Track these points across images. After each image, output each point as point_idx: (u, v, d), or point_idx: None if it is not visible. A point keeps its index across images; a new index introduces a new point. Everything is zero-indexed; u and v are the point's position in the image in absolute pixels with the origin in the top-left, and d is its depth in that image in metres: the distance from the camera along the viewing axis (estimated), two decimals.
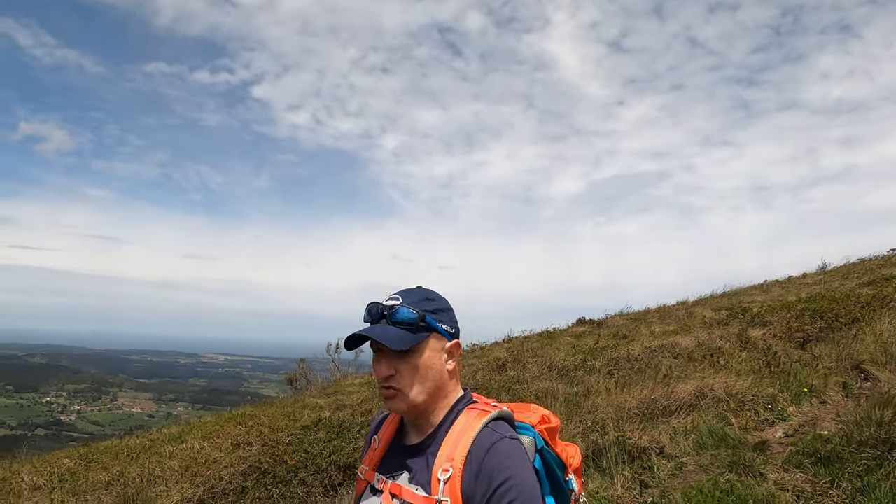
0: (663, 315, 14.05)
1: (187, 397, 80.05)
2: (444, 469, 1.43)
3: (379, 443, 1.63)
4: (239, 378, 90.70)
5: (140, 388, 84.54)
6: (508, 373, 8.66)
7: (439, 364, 1.53)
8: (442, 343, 1.55)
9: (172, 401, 77.44)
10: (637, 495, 4.50)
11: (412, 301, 1.54)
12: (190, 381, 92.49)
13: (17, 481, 7.37)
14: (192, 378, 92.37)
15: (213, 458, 6.95)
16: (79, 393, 76.68)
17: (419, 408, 1.53)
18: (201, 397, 78.33)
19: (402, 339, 1.49)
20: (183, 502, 5.94)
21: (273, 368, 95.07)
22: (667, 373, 6.32)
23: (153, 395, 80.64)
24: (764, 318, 9.06)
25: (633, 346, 8.49)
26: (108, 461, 8.09)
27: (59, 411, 68.59)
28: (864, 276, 13.01)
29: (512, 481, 1.37)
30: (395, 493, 1.49)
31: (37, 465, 8.20)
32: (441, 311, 1.57)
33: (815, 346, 7.29)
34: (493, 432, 1.45)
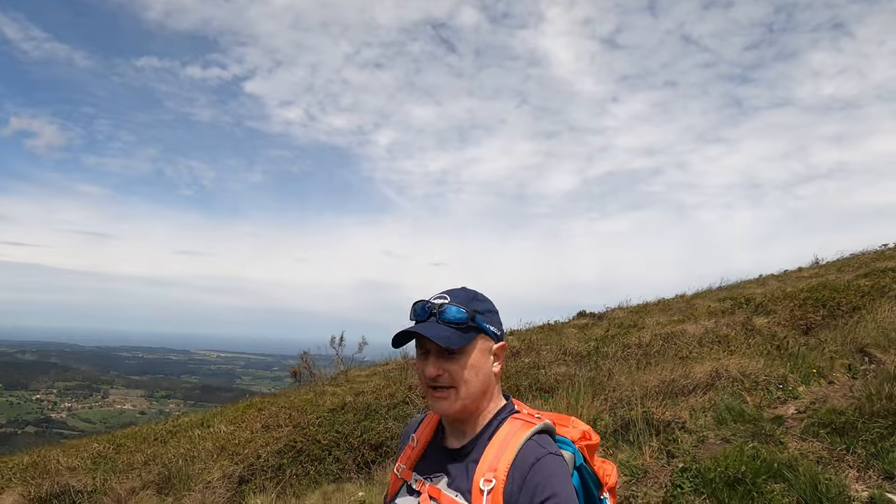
0: (663, 308, 14.37)
1: (179, 394, 79.86)
2: (487, 479, 1.41)
3: (417, 442, 1.62)
4: (231, 375, 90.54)
5: (132, 384, 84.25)
6: (523, 359, 8.97)
7: (486, 366, 1.52)
8: (489, 345, 1.54)
9: (164, 398, 77.24)
10: (665, 464, 4.83)
11: (461, 300, 1.53)
12: (182, 378, 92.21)
13: (53, 463, 7.60)
14: (184, 375, 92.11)
15: (245, 439, 7.21)
16: (69, 390, 76.34)
17: (467, 410, 1.51)
18: (193, 394, 78.20)
19: (453, 338, 1.47)
20: (224, 478, 6.21)
21: (265, 365, 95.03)
22: (686, 355, 6.66)
23: (145, 392, 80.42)
24: (767, 307, 9.44)
25: (643, 334, 8.83)
26: (136, 445, 8.33)
27: (49, 409, 68.28)
28: (860, 268, 13.39)
29: (555, 499, 1.36)
30: (433, 496, 1.48)
31: (66, 449, 8.43)
32: (489, 313, 1.56)
33: (819, 333, 7.65)
34: (538, 446, 1.44)
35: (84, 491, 6.46)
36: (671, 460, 4.88)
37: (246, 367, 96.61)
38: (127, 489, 6.36)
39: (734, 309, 10.06)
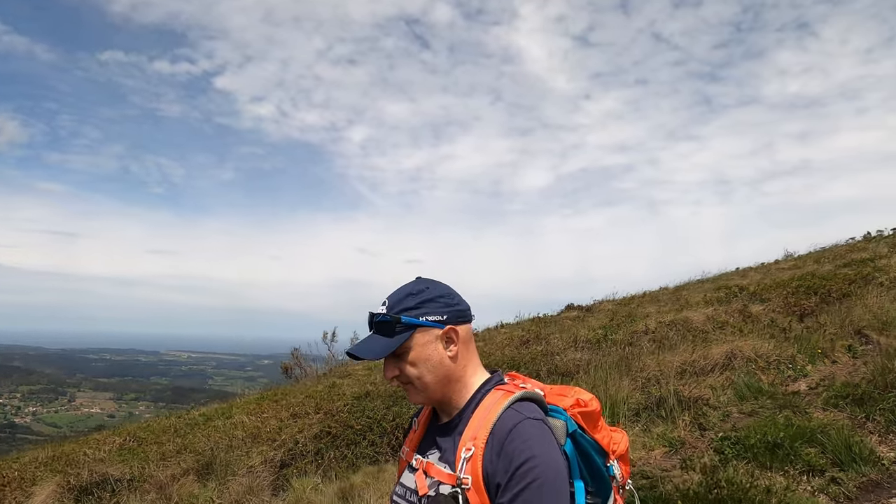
0: (651, 299, 14.83)
1: (149, 396, 78.29)
2: (467, 448, 1.46)
3: (418, 426, 1.71)
4: (203, 376, 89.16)
5: (99, 387, 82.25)
6: (534, 347, 9.31)
7: (436, 354, 1.56)
8: (433, 333, 1.57)
9: (134, 400, 75.69)
10: (699, 436, 5.21)
11: (394, 302, 1.59)
12: (152, 380, 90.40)
13: (79, 454, 7.67)
14: (154, 377, 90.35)
15: (276, 427, 7.39)
16: (34, 394, 74.19)
17: (433, 397, 1.58)
18: (164, 396, 76.76)
19: (378, 349, 1.55)
20: (266, 463, 6.40)
21: (238, 365, 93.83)
22: (701, 338, 7.07)
23: (113, 394, 78.66)
24: (762, 296, 9.95)
25: (648, 322, 9.25)
26: (155, 437, 8.43)
27: (13, 413, 66.29)
28: (836, 260, 14.04)
29: (533, 462, 1.39)
30: (426, 471, 1.55)
31: (86, 442, 8.48)
32: (426, 303, 1.59)
33: (816, 318, 8.16)
34: (516, 413, 1.48)
35: (122, 479, 6.57)
36: (703, 432, 5.26)
37: (218, 368, 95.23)
38: (167, 476, 6.50)
39: (728, 298, 10.57)
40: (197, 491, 6.21)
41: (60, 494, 6.49)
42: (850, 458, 4.17)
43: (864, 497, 3.93)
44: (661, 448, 5.07)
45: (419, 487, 1.53)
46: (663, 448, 5.06)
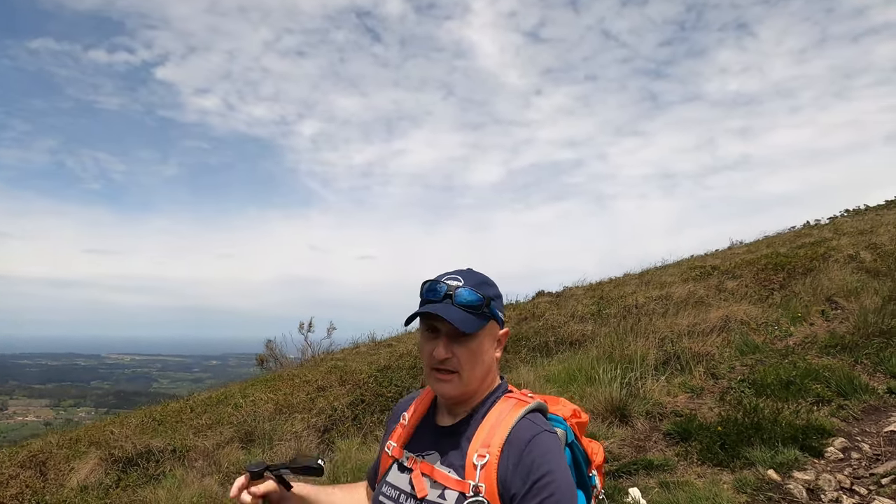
0: (618, 284, 15.73)
1: (90, 402, 75.27)
2: (481, 455, 1.42)
3: (408, 421, 1.62)
4: (148, 378, 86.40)
5: (34, 394, 78.45)
6: (533, 323, 9.95)
7: (491, 351, 1.53)
8: (496, 330, 1.54)
9: (73, 406, 72.72)
10: (713, 384, 5.94)
11: (474, 283, 1.52)
12: (92, 385, 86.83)
13: (105, 434, 7.82)
14: (94, 381, 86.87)
15: (304, 399, 7.76)
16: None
17: (467, 394, 1.52)
18: (106, 401, 73.95)
19: (470, 321, 1.47)
20: (308, 428, 6.78)
21: (185, 367, 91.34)
22: (696, 305, 7.86)
23: (50, 401, 75.25)
24: (734, 273, 10.91)
25: (637, 297, 10.03)
26: (176, 419, 8.62)
27: None
28: (786, 244, 15.28)
29: (550, 476, 1.37)
30: (426, 473, 1.48)
31: (107, 423, 8.61)
32: (497, 298, 1.55)
33: (788, 289, 9.11)
34: (533, 424, 1.46)
35: (165, 450, 6.81)
36: (717, 381, 6.00)
37: (163, 370, 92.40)
38: (211, 444, 6.78)
39: (703, 276, 11.50)
40: (243, 457, 6.53)
41: (104, 467, 6.69)
42: (852, 388, 4.96)
43: (867, 418, 4.72)
44: (683, 394, 5.76)
45: (417, 490, 1.47)
46: (685, 394, 5.76)
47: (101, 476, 6.58)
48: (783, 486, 3.89)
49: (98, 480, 6.49)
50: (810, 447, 4.26)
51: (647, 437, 5.02)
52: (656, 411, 5.38)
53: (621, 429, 5.18)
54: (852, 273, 9.33)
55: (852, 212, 21.67)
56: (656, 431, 5.09)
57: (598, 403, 5.43)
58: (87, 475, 6.61)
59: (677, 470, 4.42)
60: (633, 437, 5.06)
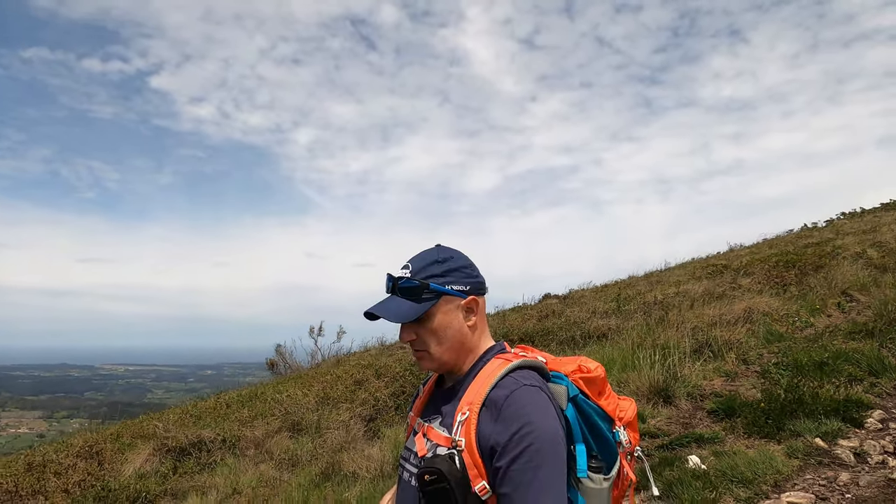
0: (624, 286, 16.09)
1: (84, 413, 74.46)
2: (463, 412, 1.49)
3: (423, 391, 1.75)
4: (142, 389, 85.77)
5: (27, 405, 77.62)
6: (554, 320, 10.25)
7: (457, 322, 1.59)
8: (455, 302, 1.60)
9: (66, 418, 72.09)
10: (745, 368, 6.26)
11: (419, 268, 1.60)
12: (86, 396, 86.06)
13: (150, 427, 8.04)
14: (88, 392, 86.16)
15: (343, 392, 8.02)
16: None
17: (446, 365, 1.61)
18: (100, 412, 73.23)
19: (407, 311, 1.56)
20: (354, 417, 7.05)
21: (180, 377, 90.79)
22: (725, 296, 8.20)
23: (43, 412, 74.51)
24: (746, 271, 11.27)
25: (656, 293, 10.37)
26: (213, 414, 8.85)
27: None
28: (791, 244, 15.68)
29: (529, 427, 1.42)
30: (426, 435, 1.59)
31: (148, 419, 8.83)
32: (451, 272, 1.61)
33: (803, 284, 9.48)
34: (514, 380, 1.51)
35: (215, 440, 7.05)
36: (748, 366, 6.33)
37: (158, 380, 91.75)
38: (261, 433, 7.03)
39: (714, 274, 11.87)
40: (293, 445, 6.79)
41: (158, 457, 6.92)
42: (883, 368, 5.30)
43: None
44: (718, 378, 6.08)
45: (418, 449, 1.57)
46: (720, 378, 6.08)
47: (155, 465, 6.81)
48: (831, 451, 4.21)
49: (154, 469, 6.73)
50: (851, 419, 4.59)
51: (692, 416, 5.33)
52: (696, 393, 5.70)
53: (666, 408, 5.49)
54: (862, 269, 9.71)
55: (849, 214, 22.17)
56: (700, 410, 5.41)
57: (642, 385, 5.74)
58: (142, 464, 6.84)
59: (726, 442, 4.73)
60: (678, 415, 5.38)
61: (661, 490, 3.99)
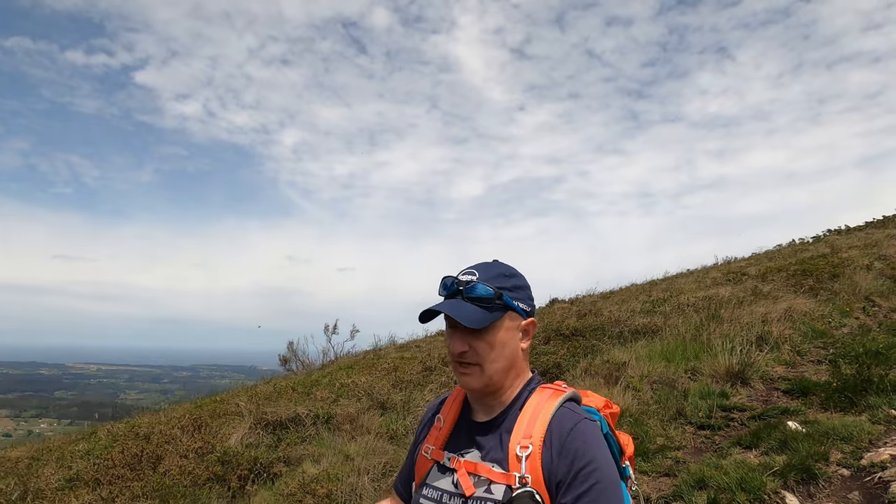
0: (629, 293, 16.89)
1: (52, 412, 73.21)
2: (524, 446, 1.42)
3: (444, 422, 1.61)
4: (114, 389, 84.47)
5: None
6: (593, 318, 10.98)
7: (514, 342, 1.53)
8: (517, 322, 1.54)
9: (34, 417, 70.67)
10: (800, 359, 7.05)
11: (489, 277, 1.53)
12: (55, 395, 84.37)
13: (228, 406, 8.52)
14: (58, 391, 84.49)
15: (416, 375, 8.61)
16: None
17: (492, 386, 1.52)
18: (69, 412, 72.05)
19: (478, 317, 1.47)
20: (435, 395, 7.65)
21: (153, 378, 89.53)
22: (753, 300, 9.02)
23: (11, 411, 72.93)
24: (765, 278, 12.17)
25: (689, 296, 11.18)
26: (289, 395, 9.34)
27: None
28: (791, 257, 16.64)
29: (595, 464, 1.39)
30: (470, 471, 1.48)
31: (230, 396, 9.28)
32: (518, 289, 1.56)
33: (827, 290, 10.37)
34: (572, 413, 1.47)
35: (309, 416, 7.58)
36: (802, 357, 7.12)
37: (131, 381, 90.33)
38: (354, 410, 7.58)
39: (734, 281, 12.75)
40: (385, 422, 7.36)
41: (258, 431, 7.43)
42: None
43: None
44: (779, 366, 6.86)
45: (465, 488, 1.47)
46: (781, 366, 6.86)
47: (256, 438, 7.32)
48: None
49: (256, 441, 7.23)
50: None
51: (769, 395, 6.08)
52: (766, 377, 6.45)
53: (744, 389, 6.23)
54: (875, 279, 10.65)
55: (835, 231, 23.40)
56: (774, 390, 6.16)
57: (719, 368, 6.48)
58: (242, 438, 7.35)
59: (808, 414, 5.47)
60: (755, 394, 6.12)
61: (770, 447, 4.70)
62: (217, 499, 5.79)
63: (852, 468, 4.28)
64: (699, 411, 5.71)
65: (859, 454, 4.44)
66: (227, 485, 6.13)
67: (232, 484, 6.13)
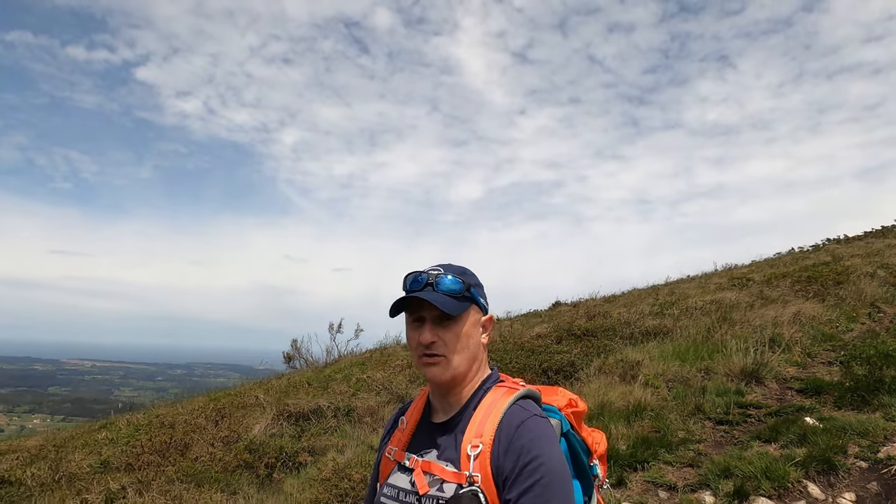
0: (633, 297, 17.09)
1: (46, 408, 73.08)
2: (474, 445, 1.46)
3: (406, 424, 1.66)
4: (109, 386, 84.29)
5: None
6: (602, 319, 11.18)
7: (476, 336, 1.58)
8: (479, 316, 1.60)
9: (27, 412, 70.53)
10: (810, 361, 7.26)
11: (454, 272, 1.59)
12: (49, 391, 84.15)
13: (249, 397, 8.68)
14: (52, 387, 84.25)
15: None
16: None
17: (457, 378, 1.56)
18: (63, 408, 71.97)
19: (452, 305, 1.53)
20: None
21: (148, 375, 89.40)
22: (778, 300, 9.24)
23: (5, 406, 72.74)
24: (770, 283, 12.40)
25: (695, 300, 11.39)
26: (305, 390, 9.51)
27: None
28: (793, 264, 16.86)
29: (540, 459, 1.41)
30: (426, 470, 1.52)
31: (248, 389, 9.44)
32: (479, 286, 1.62)
33: (832, 296, 10.59)
34: (522, 410, 1.50)
35: (330, 408, 7.74)
36: (812, 358, 7.33)
37: (125, 378, 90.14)
38: (374, 403, 7.75)
39: (739, 287, 12.98)
40: None
41: (280, 422, 7.59)
42: None
43: None
44: (791, 367, 7.06)
45: (419, 487, 1.51)
46: (793, 367, 7.07)
47: (279, 429, 7.48)
48: None
49: (279, 432, 7.40)
50: None
51: (783, 393, 6.29)
52: (779, 376, 6.66)
53: (758, 387, 6.44)
54: (879, 286, 10.89)
55: (833, 240, 23.68)
56: (788, 389, 6.37)
57: (734, 367, 6.69)
58: (265, 428, 7.51)
59: (822, 412, 5.67)
60: (770, 393, 6.33)
61: (789, 441, 4.90)
62: (248, 485, 5.95)
63: (870, 461, 4.49)
64: (717, 407, 5.91)
65: (876, 448, 4.64)
66: (255, 472, 6.29)
67: (260, 471, 6.30)
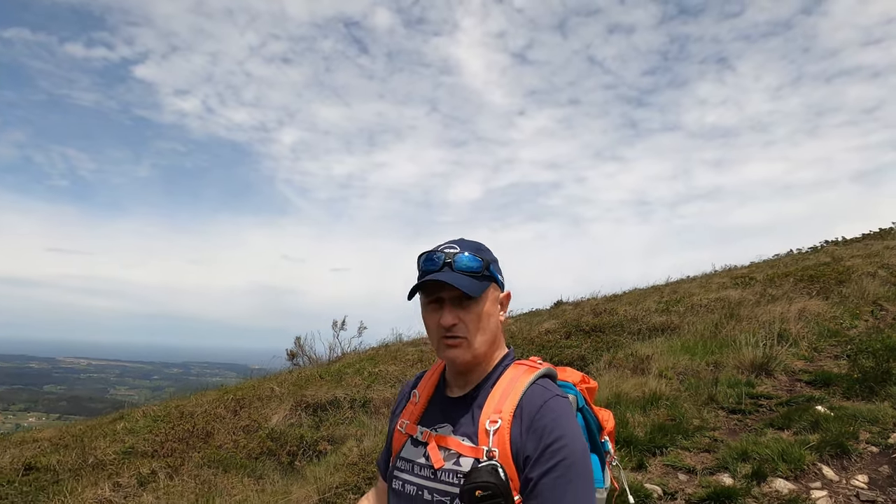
0: (639, 296, 17.29)
1: (41, 406, 72.87)
2: (493, 420, 1.44)
3: (419, 397, 1.63)
4: (104, 384, 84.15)
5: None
6: (609, 316, 11.36)
7: (496, 314, 1.55)
8: (498, 293, 1.56)
9: (23, 410, 70.36)
10: (817, 356, 7.45)
11: (471, 249, 1.53)
12: (45, 389, 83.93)
13: (264, 390, 8.83)
14: (47, 385, 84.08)
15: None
16: None
17: (477, 358, 1.52)
18: (59, 406, 71.78)
19: (473, 285, 1.48)
20: None
21: (144, 374, 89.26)
22: (783, 297, 9.43)
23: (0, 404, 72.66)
24: (773, 282, 12.60)
25: (700, 298, 11.58)
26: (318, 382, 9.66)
27: None
28: (793, 265, 17.08)
29: (563, 440, 1.40)
30: (441, 444, 1.50)
31: (264, 381, 9.58)
32: (496, 262, 1.57)
33: (835, 294, 10.80)
34: (545, 389, 1.48)
35: (347, 399, 7.90)
36: (819, 353, 7.52)
37: (121, 376, 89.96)
38: (390, 395, 7.91)
39: (742, 286, 13.18)
40: None
41: (298, 412, 7.74)
42: None
43: None
44: (800, 361, 7.25)
45: (434, 461, 1.49)
46: (801, 360, 7.25)
47: (297, 419, 7.64)
48: None
49: (297, 422, 7.55)
50: None
51: (792, 385, 6.47)
52: (788, 369, 6.84)
53: (769, 379, 6.62)
54: (881, 285, 11.10)
55: (832, 242, 23.93)
56: (798, 381, 6.55)
57: (744, 360, 6.87)
58: (284, 418, 7.66)
59: (832, 402, 5.85)
60: (779, 384, 6.51)
61: (801, 428, 5.08)
62: (272, 471, 6.10)
63: (881, 446, 4.67)
64: (729, 398, 6.09)
65: (886, 434, 4.83)
66: (278, 459, 6.44)
67: (282, 459, 6.45)
